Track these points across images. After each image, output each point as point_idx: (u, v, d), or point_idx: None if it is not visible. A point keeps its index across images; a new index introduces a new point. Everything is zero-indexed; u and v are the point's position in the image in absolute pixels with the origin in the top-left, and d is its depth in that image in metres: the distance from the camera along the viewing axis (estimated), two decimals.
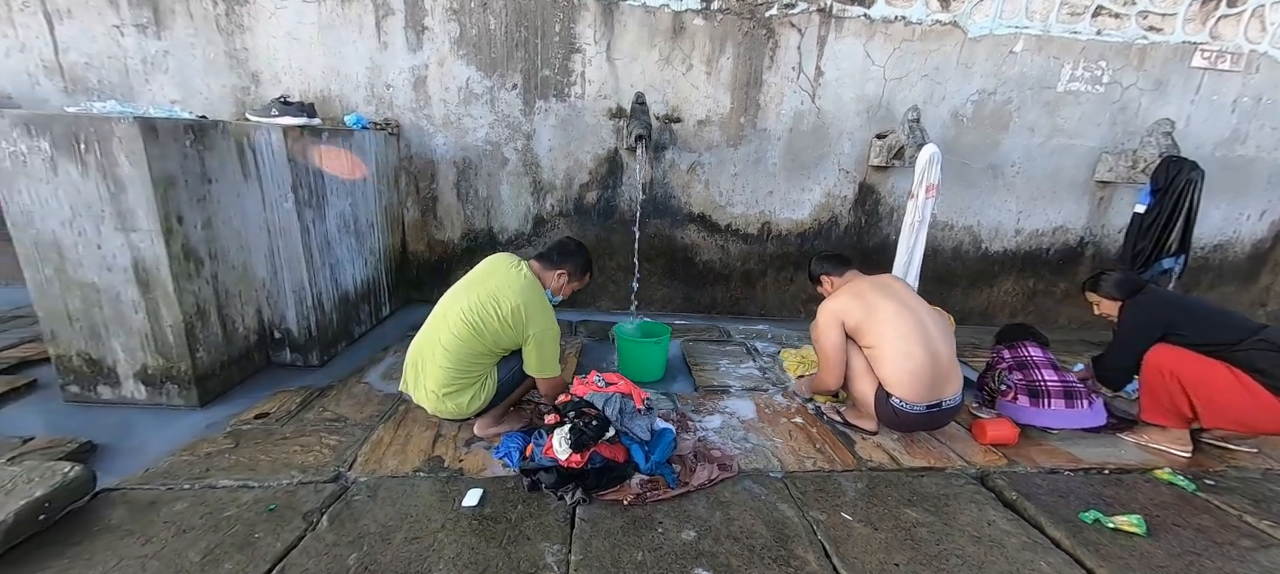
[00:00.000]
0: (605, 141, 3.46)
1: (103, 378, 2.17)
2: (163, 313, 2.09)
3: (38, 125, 1.87)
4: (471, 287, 1.88)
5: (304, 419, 2.10)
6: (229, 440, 1.92)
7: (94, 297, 2.07)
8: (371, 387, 2.41)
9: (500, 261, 1.98)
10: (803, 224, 3.70)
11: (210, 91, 3.29)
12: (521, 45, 3.26)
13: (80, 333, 2.12)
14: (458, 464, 1.85)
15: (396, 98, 3.33)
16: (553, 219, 3.61)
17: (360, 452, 1.88)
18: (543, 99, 3.36)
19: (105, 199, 1.95)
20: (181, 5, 3.14)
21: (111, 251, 2.01)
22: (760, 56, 3.34)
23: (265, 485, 1.67)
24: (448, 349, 1.80)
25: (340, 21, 3.19)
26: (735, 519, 1.62)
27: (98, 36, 3.18)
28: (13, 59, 3.21)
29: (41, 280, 2.05)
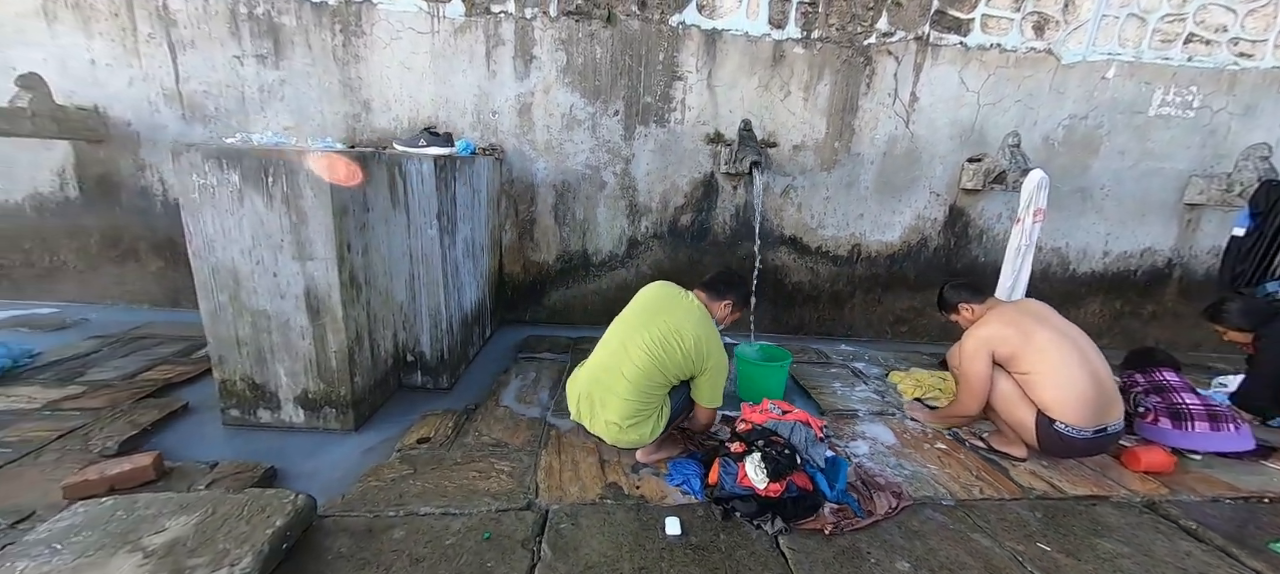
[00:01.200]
0: (702, 166, 3.52)
1: (264, 402, 2.22)
2: (329, 339, 2.14)
3: (229, 158, 1.95)
4: (648, 319, 1.92)
5: (465, 444, 2.13)
6: (405, 466, 1.95)
7: (264, 323, 2.12)
8: (513, 410, 2.44)
9: (671, 293, 2.02)
10: (892, 246, 3.73)
11: (323, 118, 3.39)
12: (625, 73, 3.35)
13: (246, 358, 2.17)
14: (635, 491, 1.87)
15: (501, 124, 3.41)
16: (647, 241, 3.66)
17: (536, 479, 1.91)
18: (643, 125, 3.44)
19: (286, 229, 2.02)
20: (301, 37, 3.25)
21: (286, 279, 2.07)
22: (857, 83, 3.41)
23: (466, 512, 1.70)
24: (631, 381, 1.83)
25: (452, 51, 3.29)
26: (938, 550, 1.63)
27: (218, 66, 3.29)
28: (135, 88, 3.32)
29: (215, 307, 2.11)
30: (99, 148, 3.42)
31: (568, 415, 2.41)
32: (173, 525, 1.45)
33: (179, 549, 1.36)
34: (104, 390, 2.44)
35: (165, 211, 3.53)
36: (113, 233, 3.57)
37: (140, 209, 3.52)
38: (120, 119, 3.37)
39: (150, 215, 3.54)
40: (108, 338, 3.08)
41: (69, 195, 3.50)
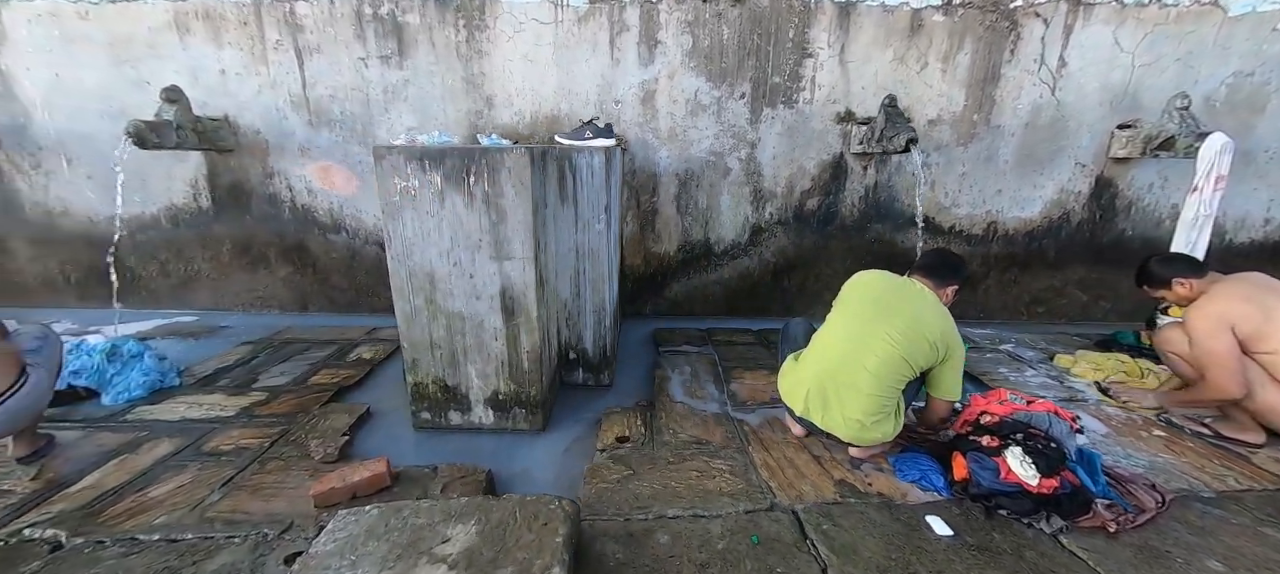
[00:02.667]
0: (831, 146, 3.38)
1: (455, 404, 2.21)
2: (522, 339, 2.11)
3: (433, 159, 1.91)
4: (886, 309, 1.81)
5: (665, 443, 2.07)
6: (621, 466, 1.91)
7: (458, 325, 2.10)
8: (690, 406, 2.38)
9: (898, 282, 1.92)
10: (1031, 222, 3.54)
11: (446, 116, 3.36)
12: (753, 53, 3.22)
13: (439, 361, 2.16)
14: (869, 487, 1.79)
15: (624, 113, 3.33)
16: (771, 228, 3.55)
17: (762, 478, 1.85)
18: (770, 106, 3.31)
19: (485, 228, 1.98)
20: (425, 35, 3.22)
21: (483, 280, 2.04)
22: (1000, 50, 3.21)
23: (714, 514, 1.65)
24: (874, 374, 1.74)
25: (575, 41, 3.21)
26: (1240, 547, 1.51)
27: (344, 69, 3.29)
28: (264, 96, 3.35)
29: (410, 310, 2.10)
30: (229, 157, 3.47)
31: (748, 409, 2.35)
32: (455, 534, 1.43)
33: (479, 559, 1.34)
34: (285, 396, 2.47)
35: (293, 217, 3.58)
36: (243, 240, 3.63)
37: (269, 216, 3.58)
38: (249, 127, 3.41)
39: (279, 222, 3.59)
40: (256, 343, 3.15)
41: (201, 205, 3.57)
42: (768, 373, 2.74)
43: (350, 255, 3.65)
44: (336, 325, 3.48)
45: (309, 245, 3.63)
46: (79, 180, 3.53)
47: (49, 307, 3.73)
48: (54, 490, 1.78)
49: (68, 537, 1.54)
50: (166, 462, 1.94)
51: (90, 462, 1.94)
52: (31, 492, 1.77)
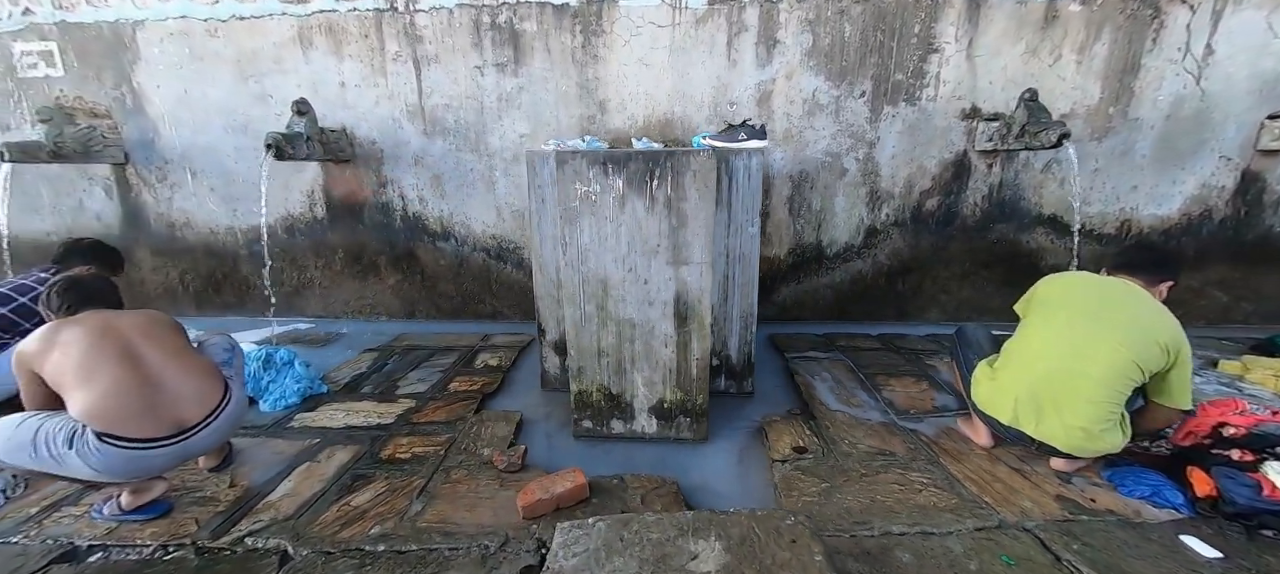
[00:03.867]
0: (954, 144, 3.26)
1: (618, 412, 2.18)
2: (693, 346, 2.06)
3: (616, 163, 1.88)
4: (1109, 312, 1.70)
5: (846, 453, 1.99)
6: (812, 478, 1.84)
7: (628, 331, 2.07)
8: (851, 414, 2.30)
9: (1113, 283, 1.81)
10: (1169, 220, 3.35)
11: (558, 123, 3.36)
12: (875, 50, 3.13)
13: (606, 368, 2.12)
14: (1093, 503, 1.68)
15: (739, 115, 3.27)
16: (886, 229, 3.45)
17: (972, 492, 1.75)
18: (891, 104, 3.21)
19: (664, 233, 1.94)
20: (541, 41, 3.22)
21: (657, 286, 2.00)
22: (1141, 39, 3.05)
23: (944, 531, 1.56)
24: (1100, 381, 1.64)
25: (692, 43, 3.17)
26: None
27: (460, 78, 3.32)
28: (381, 107, 3.40)
29: (580, 317, 2.07)
30: (345, 167, 3.53)
31: (914, 418, 2.26)
32: (701, 551, 1.38)
33: None
34: (433, 404, 2.47)
35: (404, 226, 3.62)
36: (355, 249, 3.69)
37: (381, 224, 3.63)
38: (366, 138, 3.46)
39: (390, 231, 3.64)
40: (380, 351, 3.18)
41: (317, 215, 3.64)
42: (914, 379, 2.63)
43: (458, 263, 3.67)
44: (447, 332, 3.50)
45: (418, 253, 3.67)
46: (202, 192, 3.64)
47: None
48: (254, 498, 1.80)
49: (293, 546, 1.55)
50: (351, 469, 1.95)
51: (275, 469, 1.96)
52: (234, 499, 1.79)
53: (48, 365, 1.58)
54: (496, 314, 3.76)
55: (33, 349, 1.60)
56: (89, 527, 1.66)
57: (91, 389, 1.54)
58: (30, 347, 1.61)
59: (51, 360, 1.58)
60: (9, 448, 1.51)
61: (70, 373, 1.56)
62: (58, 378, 1.57)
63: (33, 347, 1.60)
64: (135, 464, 1.56)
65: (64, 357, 1.57)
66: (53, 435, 1.50)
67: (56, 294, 1.74)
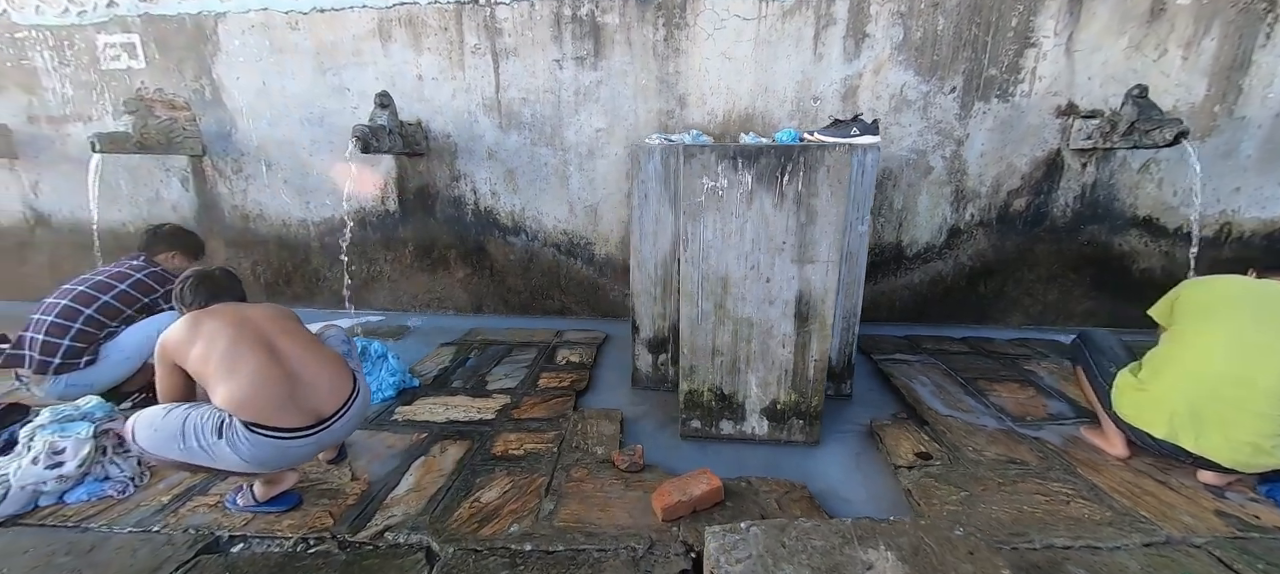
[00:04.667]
0: (1047, 142, 3.15)
1: (728, 413, 2.13)
2: (812, 346, 2.00)
3: (746, 157, 1.83)
4: (1275, 319, 1.62)
5: (972, 461, 1.92)
6: (948, 487, 1.78)
7: (745, 331, 2.02)
8: (964, 420, 2.21)
9: (1272, 287, 1.72)
10: (1274, 223, 3.20)
11: (636, 117, 3.32)
12: (969, 44, 3.03)
13: (719, 368, 2.08)
14: (1256, 519, 1.60)
15: (823, 110, 3.20)
16: (970, 229, 3.35)
17: (1124, 504, 1.67)
18: (983, 101, 3.11)
19: (791, 230, 1.88)
20: (622, 34, 3.18)
21: (779, 284, 1.95)
22: (1254, 34, 2.91)
23: (1110, 546, 1.49)
24: (1276, 395, 1.55)
25: (777, 37, 3.11)
26: None
27: (538, 71, 3.29)
28: (458, 100, 3.39)
29: (697, 315, 2.03)
30: (419, 161, 3.53)
31: (1031, 425, 2.18)
32: (874, 561, 1.33)
33: None
34: (528, 400, 2.45)
35: (475, 220, 3.61)
36: (426, 242, 3.69)
37: (452, 218, 3.62)
38: (441, 132, 3.46)
39: (461, 225, 3.63)
40: (457, 345, 3.17)
41: (389, 208, 3.65)
42: (1017, 384, 2.55)
43: (528, 258, 3.65)
44: (519, 328, 3.48)
45: (488, 248, 3.66)
46: (276, 184, 3.66)
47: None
48: (379, 493, 1.78)
49: (437, 544, 1.52)
50: (470, 465, 1.92)
51: (391, 463, 1.95)
52: (359, 494, 1.78)
53: (191, 356, 1.57)
54: (565, 310, 3.73)
55: (176, 340, 1.60)
56: (225, 517, 1.65)
57: (236, 380, 1.53)
58: (173, 337, 1.61)
59: (195, 351, 1.57)
60: (157, 438, 1.51)
61: (215, 364, 1.55)
62: (201, 369, 1.57)
63: (175, 337, 1.60)
64: (280, 454, 1.55)
65: (208, 348, 1.57)
66: (201, 425, 1.50)
67: (190, 289, 1.74)
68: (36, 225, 3.96)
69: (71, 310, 2.18)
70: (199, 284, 1.75)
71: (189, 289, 1.75)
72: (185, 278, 1.77)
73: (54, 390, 2.15)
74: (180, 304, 1.77)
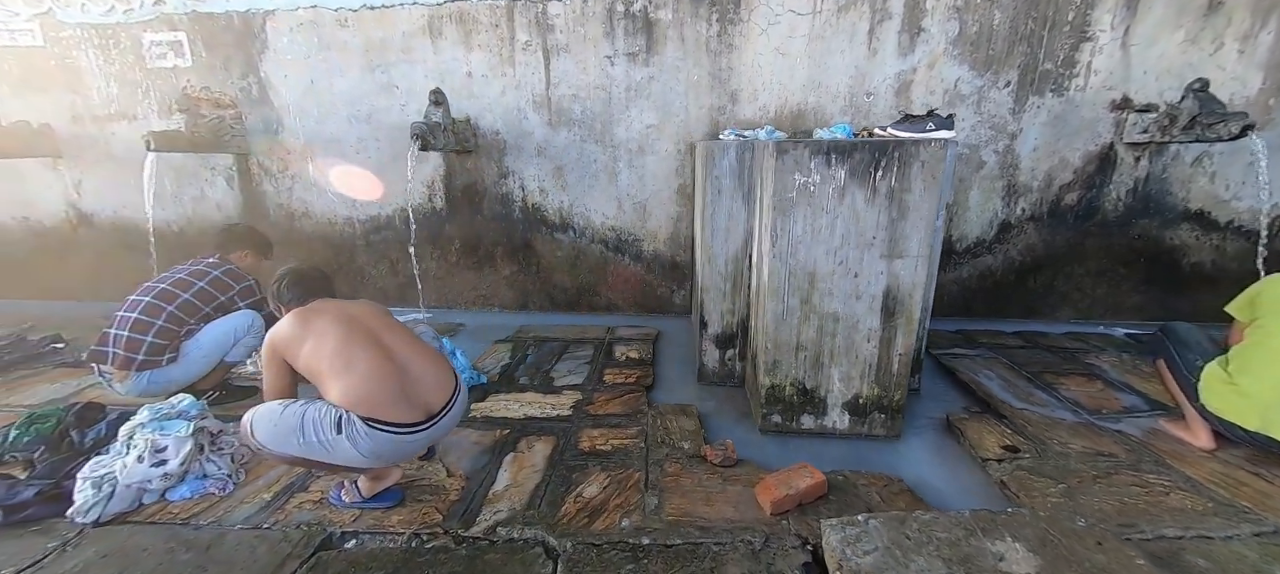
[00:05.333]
0: (1100, 136, 3.15)
1: (810, 408, 2.14)
2: (897, 341, 2.01)
3: (840, 153, 1.84)
4: None
5: (1059, 453, 1.93)
6: (1043, 479, 1.79)
7: (830, 326, 2.02)
8: (1039, 413, 2.22)
9: None
10: None
11: (687, 114, 3.32)
12: (1025, 39, 3.03)
13: (803, 363, 2.09)
14: None
15: (876, 105, 3.21)
16: (1021, 224, 3.35)
17: (1222, 494, 1.69)
18: (1037, 95, 3.12)
19: (882, 225, 1.89)
20: (675, 30, 3.18)
21: (867, 279, 1.95)
22: None
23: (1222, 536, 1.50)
24: None
25: (831, 32, 3.11)
26: None
27: (589, 68, 3.29)
28: (507, 97, 3.39)
29: (782, 310, 2.03)
30: (467, 158, 3.53)
31: (1107, 417, 2.19)
32: (1006, 553, 1.34)
33: None
34: (601, 396, 2.45)
35: (523, 217, 3.61)
36: (472, 240, 3.70)
37: (500, 216, 3.62)
38: (490, 129, 3.46)
39: (509, 222, 3.63)
40: (511, 342, 3.17)
41: (436, 206, 3.65)
42: (1084, 378, 2.56)
43: (575, 254, 3.66)
44: (569, 324, 3.49)
45: (535, 244, 3.66)
46: (322, 183, 3.66)
47: None
48: (477, 488, 1.79)
49: (555, 539, 1.53)
50: (560, 461, 1.93)
51: (481, 459, 1.96)
52: (459, 489, 1.79)
53: (303, 353, 1.58)
54: (612, 307, 3.74)
55: (285, 337, 1.61)
56: (332, 513, 1.66)
57: (351, 375, 1.54)
58: (283, 335, 1.61)
59: (307, 348, 1.58)
60: (276, 434, 1.52)
61: (328, 360, 1.56)
62: (314, 365, 1.57)
63: (285, 335, 1.61)
64: (396, 449, 1.56)
65: (320, 344, 1.58)
66: (320, 421, 1.50)
67: (288, 286, 1.75)
68: (79, 225, 3.95)
69: (154, 307, 2.18)
70: (297, 281, 1.76)
71: (287, 287, 1.75)
72: (282, 276, 1.78)
73: (136, 387, 2.16)
74: (278, 302, 1.77)
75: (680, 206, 3.49)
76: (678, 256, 3.59)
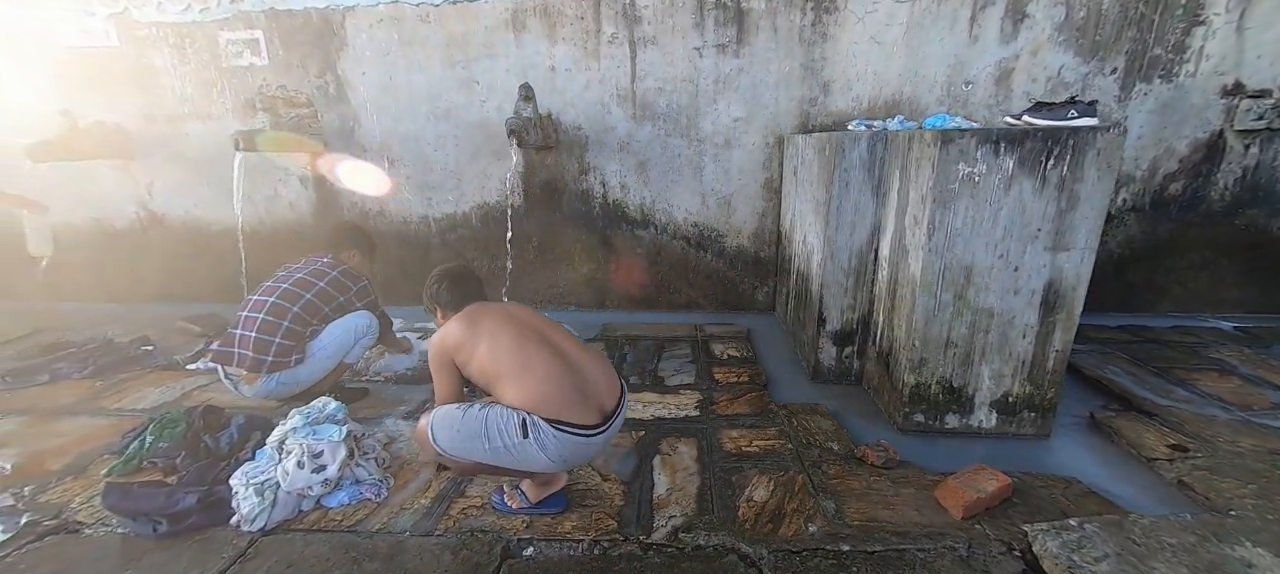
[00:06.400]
0: (1209, 123, 3.06)
1: (955, 406, 2.07)
2: (1054, 337, 1.94)
3: (1010, 141, 1.76)
4: None
5: (1237, 452, 1.85)
6: (1228, 480, 1.72)
7: (984, 322, 1.95)
8: (1188, 411, 2.15)
9: None
10: None
11: (776, 105, 3.24)
12: (1134, 23, 2.94)
13: (951, 360, 2.02)
14: None
15: (974, 95, 3.12)
16: (1121, 215, 3.26)
17: None
18: (1145, 82, 3.02)
19: (1049, 216, 1.82)
20: (767, 20, 3.10)
21: (1028, 273, 1.88)
22: None
23: None
24: None
25: (931, 19, 3.02)
26: None
27: (676, 60, 3.22)
28: (591, 91, 3.32)
29: (935, 306, 1.96)
30: (547, 154, 3.47)
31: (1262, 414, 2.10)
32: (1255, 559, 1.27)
33: None
34: (723, 395, 2.40)
35: (603, 213, 3.55)
36: (550, 238, 3.64)
37: (579, 213, 3.56)
38: (571, 124, 3.39)
39: (588, 219, 3.57)
40: (603, 341, 3.11)
41: (514, 203, 3.60)
42: (1217, 373, 2.49)
43: (655, 251, 3.60)
44: (652, 322, 3.43)
45: (614, 242, 3.61)
46: (398, 181, 3.61)
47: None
48: (640, 492, 1.74)
49: (748, 546, 1.48)
50: (712, 463, 1.88)
51: (628, 461, 1.91)
52: (620, 494, 1.74)
53: (478, 356, 1.52)
54: (691, 304, 3.68)
55: (457, 340, 1.55)
56: (502, 519, 1.61)
57: (530, 377, 1.49)
58: (453, 338, 1.56)
59: (481, 351, 1.52)
60: (459, 439, 1.47)
61: (505, 363, 1.51)
62: (489, 368, 1.52)
63: (457, 338, 1.55)
64: (580, 451, 1.51)
65: (495, 346, 1.52)
66: (504, 426, 1.45)
67: (448, 289, 1.70)
68: (150, 227, 3.92)
69: (280, 308, 2.14)
70: (457, 283, 1.71)
71: (446, 289, 1.70)
72: (439, 278, 1.73)
73: (264, 389, 2.12)
74: (435, 304, 1.73)
75: (766, 201, 3.42)
76: (762, 252, 3.52)
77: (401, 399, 2.44)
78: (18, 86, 3.57)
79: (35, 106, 3.54)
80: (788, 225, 3.19)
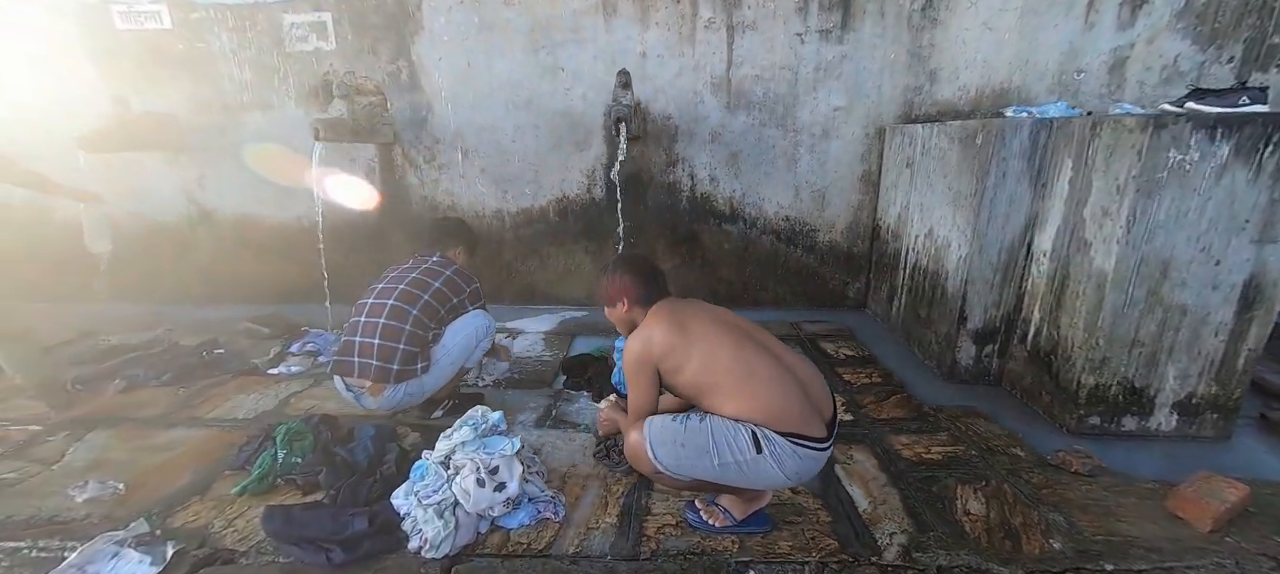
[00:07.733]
0: None
1: (1134, 408, 1.96)
2: (1249, 334, 1.84)
3: (1229, 126, 1.66)
4: None
5: None
6: None
7: (1175, 320, 1.85)
8: None
9: None
10: None
11: (879, 94, 3.12)
12: (1256, 10, 2.85)
13: (1136, 359, 1.91)
14: None
15: (1086, 84, 3.02)
16: None
17: None
18: (1262, 71, 2.94)
19: (1260, 207, 1.71)
20: (874, 5, 2.97)
21: (1229, 267, 1.77)
22: None
23: None
24: None
25: (1047, 4, 2.91)
26: None
27: (776, 46, 3.08)
28: (683, 78, 3.17)
29: (1123, 302, 1.85)
30: (633, 145, 3.30)
31: None
32: None
33: None
34: (861, 398, 2.27)
35: (690, 207, 3.40)
36: (633, 232, 3.47)
37: (664, 206, 3.41)
38: (661, 113, 3.24)
39: (674, 212, 3.42)
40: None
41: (594, 196, 3.43)
42: None
43: (743, 247, 3.46)
44: None
45: (701, 236, 3.46)
46: (472, 173, 3.43)
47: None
48: (839, 507, 1.61)
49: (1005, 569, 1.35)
50: (897, 473, 1.75)
51: None
52: (815, 509, 1.60)
53: (692, 361, 1.37)
54: (778, 301, 3.55)
55: (664, 345, 1.39)
56: (707, 539, 1.47)
57: (755, 386, 1.34)
58: (660, 342, 1.40)
59: (697, 357, 1.37)
60: (683, 455, 1.32)
61: (723, 370, 1.36)
62: (706, 377, 1.37)
63: (665, 343, 1.39)
64: (814, 465, 1.37)
65: (712, 354, 1.37)
66: (733, 439, 1.31)
67: (642, 283, 1.54)
68: (199, 222, 3.69)
69: (399, 311, 1.96)
70: (652, 278, 1.55)
71: (640, 284, 1.54)
72: (626, 268, 1.57)
73: (391, 400, 1.95)
74: (622, 296, 1.56)
75: (862, 194, 3.30)
76: (855, 247, 3.40)
77: (523, 405, 2.28)
78: (67, 72, 3.31)
79: (85, 94, 3.30)
80: (892, 219, 3.07)
